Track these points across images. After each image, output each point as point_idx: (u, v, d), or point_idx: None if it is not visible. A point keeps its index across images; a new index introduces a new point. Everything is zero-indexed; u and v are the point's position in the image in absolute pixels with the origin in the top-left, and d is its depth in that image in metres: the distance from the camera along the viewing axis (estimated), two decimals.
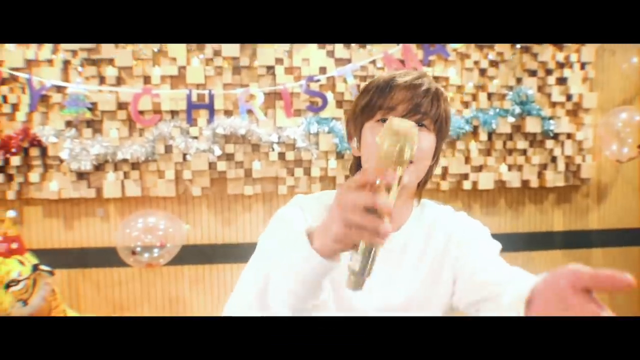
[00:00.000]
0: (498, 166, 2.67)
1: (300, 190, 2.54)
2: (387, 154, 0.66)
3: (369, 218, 0.67)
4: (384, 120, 0.96)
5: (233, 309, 0.87)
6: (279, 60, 2.52)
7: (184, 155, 2.48)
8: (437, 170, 2.60)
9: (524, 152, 2.69)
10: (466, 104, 2.64)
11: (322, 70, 2.54)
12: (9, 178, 2.42)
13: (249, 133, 2.48)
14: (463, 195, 2.73)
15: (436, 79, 2.60)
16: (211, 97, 2.45)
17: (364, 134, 1.01)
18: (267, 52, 2.49)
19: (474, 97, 2.64)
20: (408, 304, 1.03)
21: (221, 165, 2.50)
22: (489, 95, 2.65)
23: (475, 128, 2.63)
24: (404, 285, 1.03)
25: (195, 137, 2.48)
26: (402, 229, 1.06)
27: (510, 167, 2.68)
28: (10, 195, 2.42)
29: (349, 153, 2.53)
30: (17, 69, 2.37)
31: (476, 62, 2.61)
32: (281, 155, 2.53)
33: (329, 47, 2.53)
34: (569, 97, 2.70)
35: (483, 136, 2.63)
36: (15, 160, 2.38)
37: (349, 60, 2.54)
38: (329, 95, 2.51)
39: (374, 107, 0.98)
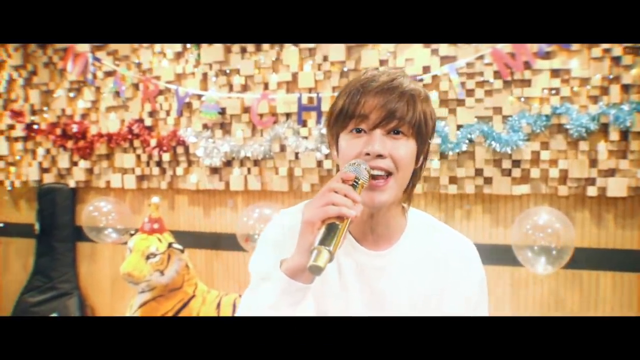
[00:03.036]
0: (635, 171, 2.27)
1: None
2: None
3: (335, 193, 0.84)
4: (357, 131, 0.94)
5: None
6: (384, 62, 2.56)
7: (296, 153, 2.70)
8: (554, 173, 2.34)
9: None
10: (594, 99, 2.31)
11: (426, 69, 2.49)
12: (163, 171, 2.97)
13: None
14: (591, 203, 2.39)
15: (555, 72, 2.33)
16: (319, 99, 2.62)
17: (340, 145, 0.98)
18: (372, 53, 2.55)
19: (605, 90, 2.29)
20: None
21: (327, 164, 2.65)
22: (625, 88, 2.27)
23: (605, 126, 2.28)
24: (391, 311, 0.99)
25: (305, 137, 2.68)
26: (393, 247, 1.01)
27: None
28: (163, 185, 2.97)
29: (452, 153, 2.45)
30: (169, 82, 2.89)
31: (607, 50, 2.27)
32: None
33: (433, 45, 2.48)
34: None
35: (614, 136, 2.27)
36: (166, 157, 2.91)
37: (454, 58, 2.45)
38: (434, 94, 2.46)
39: (346, 115, 0.94)
